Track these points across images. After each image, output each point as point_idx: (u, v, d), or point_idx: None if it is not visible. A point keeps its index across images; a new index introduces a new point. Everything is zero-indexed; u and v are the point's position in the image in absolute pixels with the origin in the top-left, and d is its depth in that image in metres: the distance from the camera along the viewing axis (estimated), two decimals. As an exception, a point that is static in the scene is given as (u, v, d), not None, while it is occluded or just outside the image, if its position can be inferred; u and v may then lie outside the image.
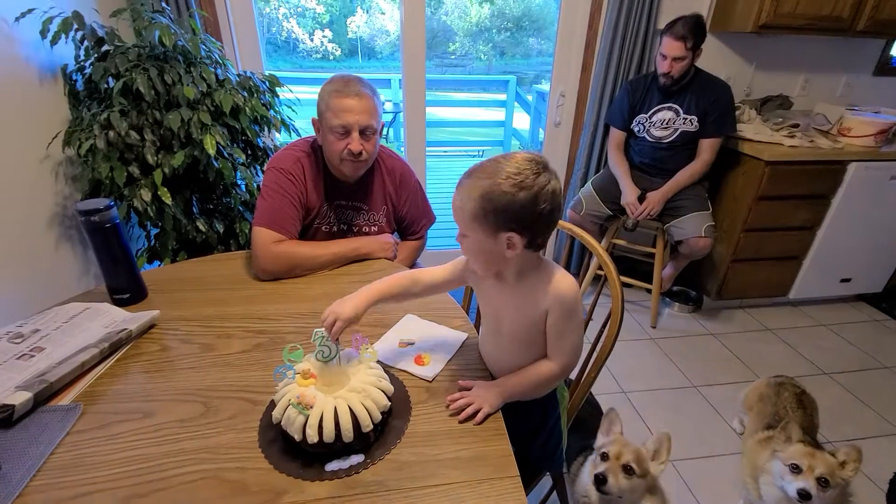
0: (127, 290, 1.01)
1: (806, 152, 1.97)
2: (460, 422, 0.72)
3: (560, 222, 1.13)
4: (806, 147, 1.99)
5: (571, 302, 0.72)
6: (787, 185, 2.02)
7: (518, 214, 0.65)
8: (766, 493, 1.19)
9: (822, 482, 1.06)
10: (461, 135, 5.86)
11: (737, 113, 2.15)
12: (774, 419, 1.37)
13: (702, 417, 1.70)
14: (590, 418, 1.30)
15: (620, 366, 1.94)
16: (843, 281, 2.33)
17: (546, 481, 1.11)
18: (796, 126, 2.10)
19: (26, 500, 0.60)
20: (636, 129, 2.08)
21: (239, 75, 1.68)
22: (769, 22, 1.92)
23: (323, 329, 0.74)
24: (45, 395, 0.75)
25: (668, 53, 1.84)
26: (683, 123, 1.98)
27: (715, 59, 2.23)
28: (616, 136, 2.14)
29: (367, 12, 6.52)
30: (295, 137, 1.77)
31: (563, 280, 0.73)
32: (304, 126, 1.86)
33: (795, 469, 1.10)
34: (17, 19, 1.36)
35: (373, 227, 1.32)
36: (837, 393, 1.83)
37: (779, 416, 1.37)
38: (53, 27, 1.40)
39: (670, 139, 2.01)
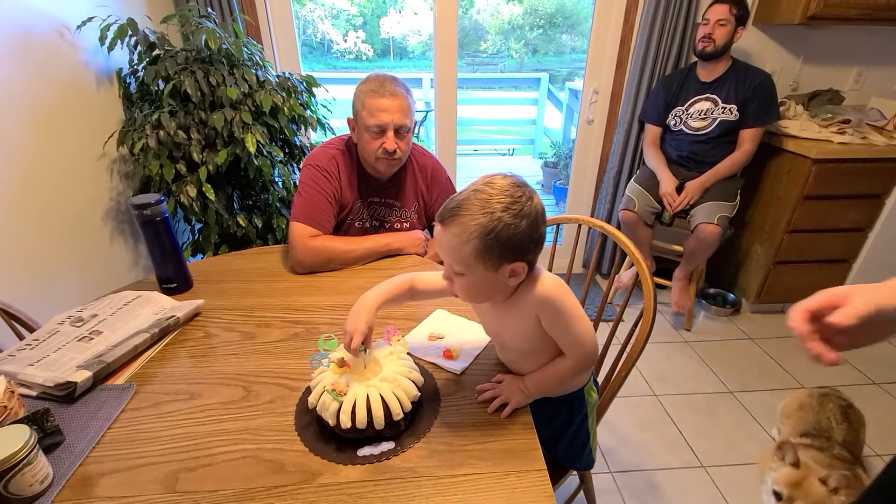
0: (175, 281, 1.08)
1: (858, 149, 1.87)
2: (489, 413, 0.74)
3: (591, 220, 1.13)
4: (858, 144, 1.88)
5: (556, 299, 0.70)
6: (836, 184, 1.91)
7: (522, 244, 0.64)
8: (765, 501, 1.19)
9: None
10: (492, 133, 5.84)
11: (781, 108, 2.05)
12: (815, 430, 1.32)
13: (737, 424, 1.64)
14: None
15: (652, 368, 1.89)
16: (897, 286, 2.19)
17: (574, 480, 1.11)
18: (847, 122, 1.99)
19: (88, 469, 0.65)
20: (672, 123, 2.03)
21: (278, 76, 1.74)
22: (819, 13, 1.83)
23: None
24: (102, 375, 0.81)
25: (711, 17, 1.83)
26: (722, 113, 1.91)
27: (759, 52, 2.14)
28: (651, 131, 2.09)
29: (400, 12, 6.59)
30: (330, 136, 1.82)
31: (542, 281, 0.70)
32: (339, 125, 1.91)
33: (777, 497, 1.07)
34: (78, 27, 1.46)
35: (404, 224, 1.35)
36: (889, 404, 1.73)
37: (821, 427, 1.32)
38: (111, 34, 1.50)
39: (708, 130, 1.95)
